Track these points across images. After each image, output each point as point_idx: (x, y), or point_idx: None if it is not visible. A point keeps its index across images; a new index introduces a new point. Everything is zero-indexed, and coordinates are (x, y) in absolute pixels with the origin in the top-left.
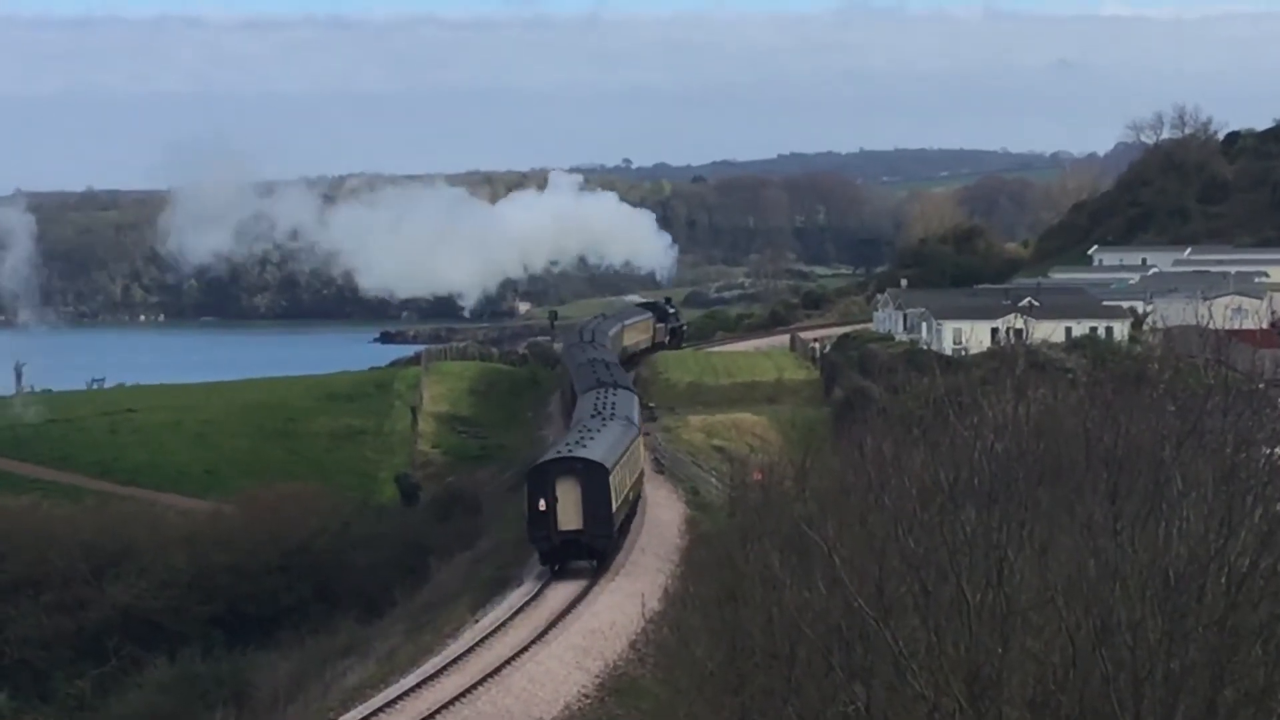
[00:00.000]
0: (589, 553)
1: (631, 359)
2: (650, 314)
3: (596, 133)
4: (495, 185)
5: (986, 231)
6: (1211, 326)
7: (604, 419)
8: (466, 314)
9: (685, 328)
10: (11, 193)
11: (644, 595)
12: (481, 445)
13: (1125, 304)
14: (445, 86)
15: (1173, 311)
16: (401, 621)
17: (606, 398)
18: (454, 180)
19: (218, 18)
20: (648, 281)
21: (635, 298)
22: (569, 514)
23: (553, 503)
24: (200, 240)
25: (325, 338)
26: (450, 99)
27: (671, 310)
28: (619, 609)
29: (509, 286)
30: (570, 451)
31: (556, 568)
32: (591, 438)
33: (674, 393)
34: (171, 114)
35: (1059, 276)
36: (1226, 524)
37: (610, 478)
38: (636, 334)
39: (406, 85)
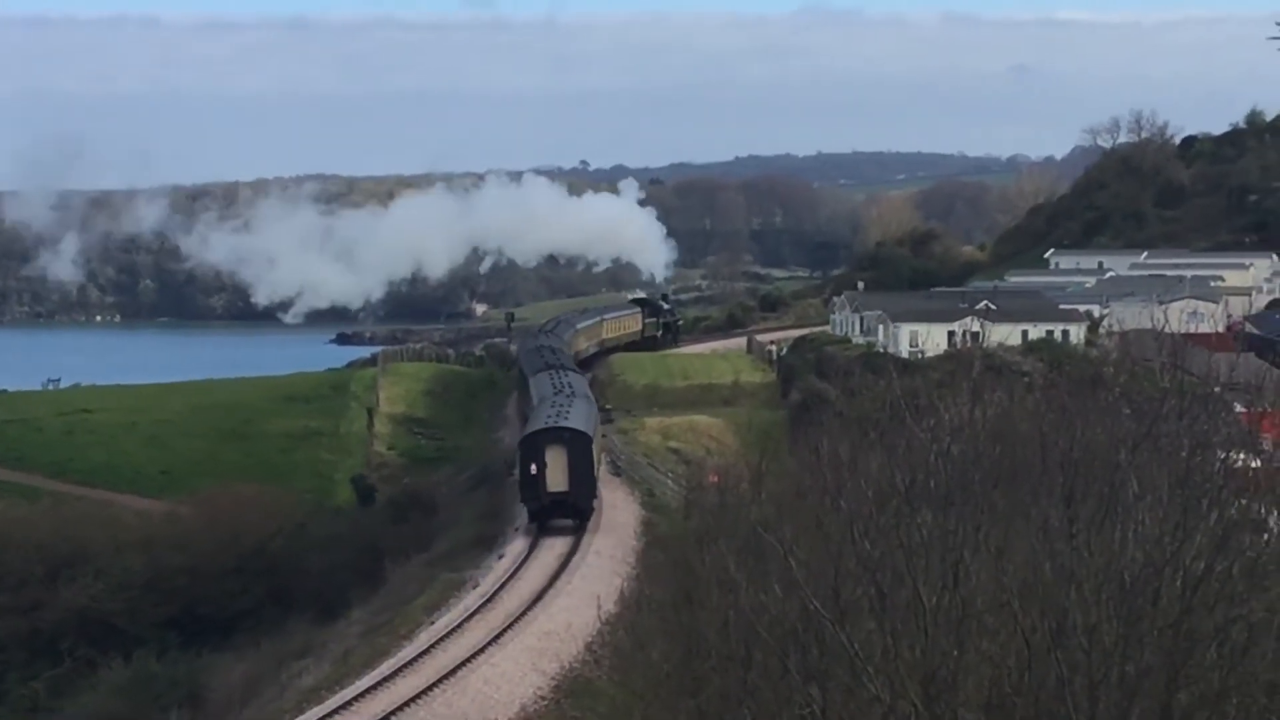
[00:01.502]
0: (574, 512)
1: (613, 351)
2: (639, 309)
3: (553, 134)
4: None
5: (943, 234)
6: (1167, 330)
7: (569, 395)
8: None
9: (681, 322)
10: None
11: (600, 597)
12: (438, 447)
13: (1082, 307)
14: (403, 88)
15: (1129, 315)
16: (357, 623)
17: (562, 378)
18: (411, 182)
19: (175, 19)
20: (623, 283)
21: (638, 293)
22: (557, 477)
23: (542, 467)
24: (54, 253)
25: (281, 339)
26: (408, 101)
27: (666, 306)
28: (575, 611)
29: (468, 287)
30: (557, 422)
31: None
32: (570, 410)
33: (630, 395)
34: (127, 114)
35: (1015, 280)
36: (1182, 527)
37: (593, 445)
38: (620, 327)
39: (364, 87)
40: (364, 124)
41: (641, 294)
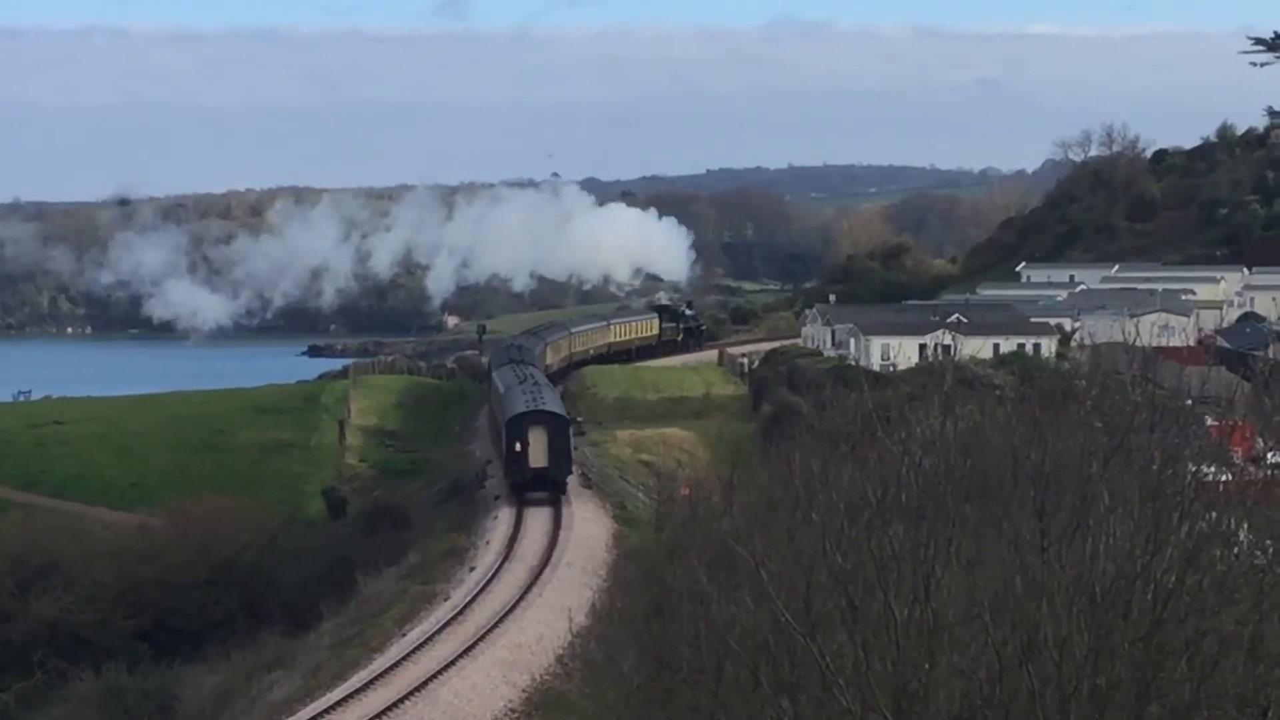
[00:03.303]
0: (552, 486)
1: (624, 354)
2: (655, 314)
3: (525, 147)
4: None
5: (915, 248)
6: (1138, 343)
7: (535, 384)
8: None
9: (705, 328)
10: None
11: (571, 610)
12: (409, 459)
13: (1053, 321)
14: (373, 100)
15: (1100, 328)
16: (328, 635)
17: (525, 371)
18: (378, 194)
19: (144, 30)
20: (596, 297)
21: (659, 296)
22: (538, 454)
23: (525, 445)
24: None
25: (253, 350)
26: (378, 113)
27: (690, 313)
28: (546, 623)
29: (438, 305)
30: (538, 406)
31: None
32: (544, 396)
33: (602, 407)
34: (98, 126)
35: (987, 293)
36: (1153, 540)
37: (569, 428)
38: (630, 331)
39: (334, 99)
40: (335, 136)
41: (667, 300)
